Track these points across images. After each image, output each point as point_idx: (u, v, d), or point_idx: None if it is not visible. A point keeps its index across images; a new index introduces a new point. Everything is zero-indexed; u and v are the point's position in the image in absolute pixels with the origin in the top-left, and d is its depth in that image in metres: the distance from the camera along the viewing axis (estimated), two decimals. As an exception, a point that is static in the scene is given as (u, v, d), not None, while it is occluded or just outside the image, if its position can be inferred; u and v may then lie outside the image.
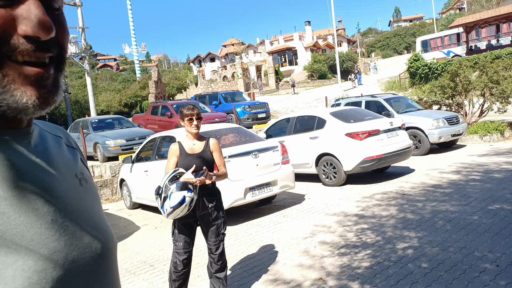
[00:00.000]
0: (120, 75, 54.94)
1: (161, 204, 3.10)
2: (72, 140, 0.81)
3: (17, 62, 0.54)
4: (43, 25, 0.53)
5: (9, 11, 0.53)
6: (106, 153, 10.52)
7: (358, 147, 7.33)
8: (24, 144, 0.62)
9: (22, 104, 0.55)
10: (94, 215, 0.69)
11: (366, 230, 5.00)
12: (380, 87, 26.77)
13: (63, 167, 0.68)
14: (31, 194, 0.58)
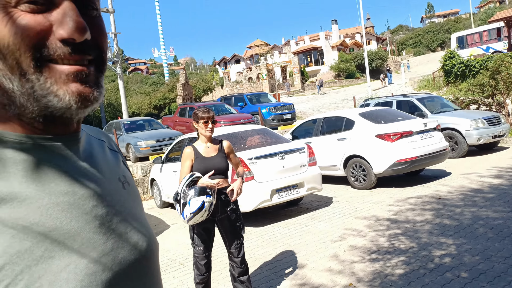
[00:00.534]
0: (149, 78, 56.18)
1: (180, 210, 3.05)
2: (114, 144, 0.83)
3: (57, 64, 0.55)
4: (77, 27, 0.54)
5: (46, 16, 0.54)
6: (137, 153, 10.77)
7: (389, 149, 7.07)
8: (74, 149, 0.64)
9: (65, 103, 0.56)
10: (137, 217, 0.71)
11: (399, 235, 4.79)
12: (412, 86, 25.96)
13: (107, 171, 0.70)
14: (81, 199, 0.60)
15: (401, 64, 35.89)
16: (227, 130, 6.65)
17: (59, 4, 0.55)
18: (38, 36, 0.54)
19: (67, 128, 0.63)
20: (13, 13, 0.54)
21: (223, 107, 14.85)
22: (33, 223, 0.54)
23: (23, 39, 0.53)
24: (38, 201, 0.55)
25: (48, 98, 0.56)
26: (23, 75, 0.55)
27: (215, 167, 3.30)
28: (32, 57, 0.54)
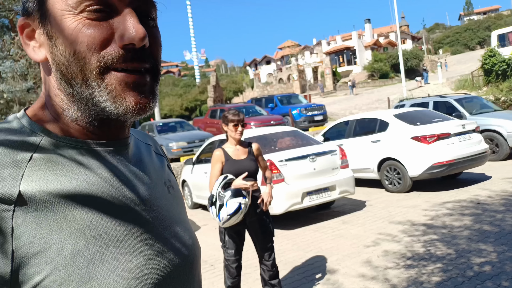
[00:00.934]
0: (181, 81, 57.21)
1: (217, 212, 3.06)
2: (160, 148, 0.85)
3: (117, 71, 0.57)
4: (137, 32, 0.56)
5: (109, 23, 0.57)
6: (169, 154, 10.99)
7: (425, 151, 6.82)
8: (124, 154, 0.66)
9: (122, 110, 0.58)
10: (181, 222, 0.72)
11: (436, 241, 4.60)
12: (449, 86, 25.01)
13: (154, 175, 0.71)
14: (130, 203, 0.61)
15: (437, 64, 34.61)
16: (257, 132, 6.65)
17: (120, 11, 0.57)
18: (101, 44, 0.56)
19: (119, 133, 0.65)
20: (79, 21, 0.56)
21: (254, 108, 14.88)
22: (85, 226, 0.55)
23: (89, 47, 0.56)
24: (90, 205, 0.57)
25: (106, 104, 0.58)
26: (84, 81, 0.57)
27: (245, 170, 3.29)
28: (95, 65, 0.56)
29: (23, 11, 0.61)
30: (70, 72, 0.57)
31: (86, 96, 0.58)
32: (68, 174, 0.57)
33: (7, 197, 0.52)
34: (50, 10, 0.58)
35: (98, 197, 0.58)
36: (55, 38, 0.58)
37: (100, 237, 0.56)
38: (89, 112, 0.59)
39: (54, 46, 0.58)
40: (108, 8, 0.57)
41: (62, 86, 0.60)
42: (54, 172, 0.56)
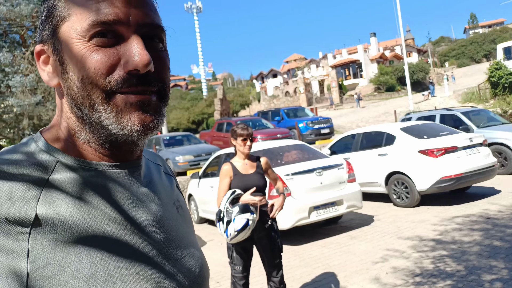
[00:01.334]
0: (188, 94, 57.66)
1: (224, 228, 3.04)
2: (169, 167, 0.86)
3: (122, 94, 0.59)
4: (141, 59, 0.57)
5: (116, 50, 0.58)
6: (176, 168, 10.99)
7: (433, 165, 6.77)
8: (136, 176, 0.67)
9: (127, 131, 0.59)
10: (190, 243, 0.73)
11: (445, 257, 4.53)
12: (456, 99, 24.90)
13: (164, 196, 0.72)
14: (141, 225, 0.62)
15: (444, 76, 34.53)
16: (263, 145, 6.64)
17: (127, 38, 0.59)
18: (108, 70, 0.58)
19: (131, 155, 0.66)
20: (87, 48, 0.58)
21: (260, 121, 14.92)
22: (98, 249, 0.56)
23: (95, 73, 0.58)
24: (104, 227, 0.58)
25: (112, 126, 0.59)
26: (92, 106, 0.59)
27: (254, 185, 3.27)
28: (102, 90, 0.58)
29: (39, 39, 0.64)
30: (79, 97, 0.59)
31: (95, 120, 0.60)
32: (82, 196, 0.58)
33: (24, 220, 0.52)
34: (61, 38, 0.60)
35: (111, 219, 0.59)
36: (66, 64, 0.60)
37: (112, 259, 0.57)
38: (99, 134, 0.61)
39: (65, 72, 0.60)
40: (116, 35, 0.59)
41: (73, 110, 0.62)
42: (69, 194, 0.57)
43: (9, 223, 0.52)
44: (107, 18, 0.58)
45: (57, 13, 0.61)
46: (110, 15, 0.58)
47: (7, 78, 14.88)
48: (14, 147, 0.62)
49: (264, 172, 3.45)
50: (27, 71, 14.80)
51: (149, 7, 0.62)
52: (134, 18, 0.59)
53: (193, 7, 51.26)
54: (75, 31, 0.59)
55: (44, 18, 0.63)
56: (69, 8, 0.60)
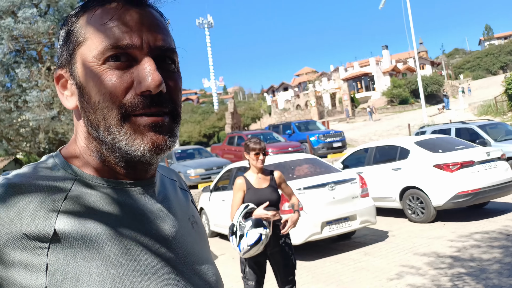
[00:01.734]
0: (200, 108, 58.18)
1: (237, 242, 3.01)
2: (184, 183, 0.87)
3: (136, 116, 0.61)
4: (153, 80, 0.59)
5: (129, 72, 0.60)
6: (187, 182, 11.00)
7: (449, 180, 6.60)
8: (150, 193, 0.68)
9: (140, 152, 0.61)
10: (205, 259, 0.73)
11: (464, 275, 4.37)
12: (472, 112, 24.55)
13: (180, 212, 0.73)
14: (157, 241, 0.63)
15: (459, 89, 34.14)
16: (275, 159, 6.60)
17: (140, 60, 0.61)
18: (122, 93, 0.60)
19: (146, 173, 0.68)
20: (102, 71, 0.60)
21: (271, 135, 14.89)
22: (115, 264, 0.57)
23: (111, 97, 0.60)
24: (120, 243, 0.59)
25: (126, 148, 0.61)
26: (106, 128, 0.61)
27: (267, 199, 3.23)
28: (116, 113, 0.60)
29: (59, 63, 0.67)
30: (95, 119, 0.62)
31: (110, 141, 0.62)
32: (99, 213, 0.60)
33: (43, 235, 0.55)
34: (78, 62, 0.62)
35: (127, 236, 0.60)
36: (83, 88, 0.62)
37: (128, 274, 0.58)
38: (115, 154, 0.63)
39: (82, 95, 0.63)
40: (129, 58, 0.61)
41: (90, 131, 0.64)
42: (86, 211, 0.59)
43: (29, 239, 0.54)
44: (121, 42, 0.60)
45: (74, 37, 0.63)
46: (125, 39, 0.60)
47: (24, 93, 15.32)
48: (34, 165, 0.64)
49: (278, 186, 3.42)
50: (43, 86, 15.18)
51: (162, 30, 0.64)
52: (147, 41, 0.61)
53: (204, 23, 52.05)
54: (90, 54, 0.61)
55: (62, 43, 0.65)
56: (85, 33, 0.62)
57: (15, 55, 16.67)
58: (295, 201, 3.50)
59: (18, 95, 15.85)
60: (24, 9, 14.89)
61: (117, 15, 0.61)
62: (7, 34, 15.00)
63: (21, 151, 17.35)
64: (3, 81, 15.58)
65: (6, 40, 15.23)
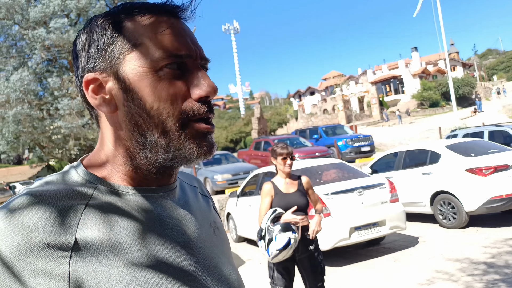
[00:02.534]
0: (226, 113, 58.68)
1: (265, 247, 3.03)
2: (205, 189, 0.87)
3: (195, 122, 0.64)
4: (212, 86, 0.64)
5: (183, 81, 0.64)
6: (214, 187, 11.15)
7: (482, 184, 6.41)
8: (171, 198, 0.69)
9: (197, 154, 0.64)
10: (227, 264, 0.73)
11: (499, 282, 4.24)
12: (506, 114, 23.65)
13: (200, 217, 0.73)
14: (176, 248, 0.64)
15: (492, 91, 32.90)
16: (302, 164, 6.59)
17: (192, 70, 0.65)
18: (182, 101, 0.63)
19: (169, 179, 0.69)
20: (159, 78, 0.62)
21: (298, 140, 14.86)
22: (135, 271, 0.58)
23: (172, 104, 0.62)
24: (140, 250, 0.60)
25: (182, 150, 0.64)
26: (163, 133, 0.63)
27: (295, 204, 3.25)
28: (178, 118, 0.63)
29: (91, 67, 0.64)
30: (149, 124, 0.63)
31: (162, 145, 0.63)
32: (119, 220, 0.61)
33: (65, 244, 0.55)
34: (129, 66, 0.63)
35: (147, 242, 0.61)
36: (133, 93, 0.62)
37: (149, 281, 0.58)
38: (154, 159, 0.64)
39: (130, 100, 0.63)
40: (183, 68, 0.64)
41: (134, 137, 0.64)
42: (107, 219, 0.60)
43: (51, 248, 0.55)
44: (180, 52, 0.63)
45: (121, 42, 0.63)
46: (182, 49, 0.63)
47: (56, 101, 15.79)
48: (55, 175, 0.65)
49: (306, 191, 3.42)
50: (75, 94, 15.69)
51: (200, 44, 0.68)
52: (199, 52, 0.66)
53: (230, 28, 52.63)
54: (144, 61, 0.62)
55: (100, 46, 0.64)
56: (138, 38, 0.62)
57: (47, 64, 17.16)
58: (319, 208, 3.51)
59: (50, 103, 16.25)
60: (55, 19, 15.31)
61: (171, 26, 0.64)
62: (39, 44, 15.45)
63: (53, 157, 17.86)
64: (36, 89, 15.99)
65: (39, 50, 15.70)
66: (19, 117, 14.80)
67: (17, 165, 44.55)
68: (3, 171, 39.44)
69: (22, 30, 16.15)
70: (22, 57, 16.83)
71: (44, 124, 15.82)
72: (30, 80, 15.19)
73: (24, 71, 15.22)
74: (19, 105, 14.83)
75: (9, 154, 18.85)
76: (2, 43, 16.88)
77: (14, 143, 16.31)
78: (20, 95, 14.84)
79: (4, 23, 16.16)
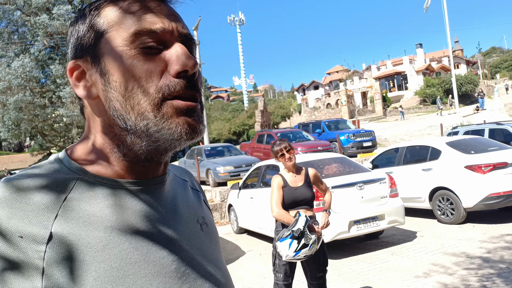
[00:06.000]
0: (230, 105, 58.67)
1: (297, 248, 3.07)
2: (197, 183, 0.85)
3: (172, 99, 0.59)
4: (189, 59, 0.60)
5: (161, 57, 0.60)
6: (216, 179, 11.25)
7: (480, 181, 6.51)
8: (159, 192, 0.66)
9: (177, 134, 0.59)
10: (213, 260, 0.71)
11: (494, 276, 4.36)
12: (508, 113, 23.63)
13: (187, 213, 0.71)
14: (159, 243, 0.61)
15: (494, 89, 32.80)
16: (304, 157, 6.69)
17: (170, 45, 0.61)
18: (158, 78, 0.59)
19: (157, 171, 0.66)
20: (134, 56, 0.59)
21: (301, 134, 14.92)
22: (113, 267, 0.56)
23: (147, 82, 0.58)
24: (120, 246, 0.57)
25: (161, 132, 0.59)
26: (140, 114, 0.59)
27: (302, 197, 3.34)
28: (153, 97, 0.58)
29: (72, 55, 0.64)
30: (126, 107, 0.59)
31: (141, 128, 0.59)
32: (100, 215, 0.58)
33: (39, 237, 0.53)
34: (104, 49, 0.60)
35: (127, 238, 0.58)
36: (108, 75, 0.60)
37: (128, 277, 0.56)
38: (140, 144, 0.61)
39: (107, 83, 0.60)
40: (161, 42, 0.60)
41: (116, 122, 0.61)
42: (86, 213, 0.57)
43: (25, 241, 0.52)
44: (154, 26, 0.59)
45: (97, 27, 0.61)
46: (158, 23, 0.60)
47: (58, 89, 15.43)
48: (39, 165, 0.62)
49: (313, 183, 3.49)
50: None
51: (183, 20, 0.65)
52: (176, 27, 0.62)
53: (235, 20, 52.46)
54: (119, 40, 0.59)
55: (81, 34, 0.63)
56: (112, 20, 0.61)
57: (49, 51, 16.67)
58: (328, 199, 3.57)
59: (52, 91, 15.87)
60: (58, 5, 14.98)
61: (146, 5, 0.61)
62: (42, 31, 15.12)
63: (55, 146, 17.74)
64: (38, 76, 15.62)
65: (41, 37, 15.34)
66: (21, 104, 14.51)
67: (18, 153, 44.77)
68: (4, 159, 39.59)
69: (24, 16, 15.82)
70: (24, 44, 16.57)
71: (46, 112, 15.53)
72: (32, 67, 14.85)
73: (26, 57, 14.88)
74: (21, 92, 14.47)
75: (11, 141, 18.75)
76: (4, 28, 16.43)
77: (15, 130, 16.19)
78: (22, 82, 14.52)
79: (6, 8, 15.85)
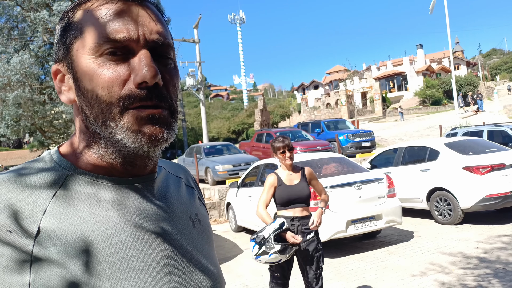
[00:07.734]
0: (229, 104, 58.66)
1: (257, 252, 3.15)
2: (192, 179, 0.85)
3: (134, 109, 0.59)
4: (149, 71, 0.58)
5: (126, 65, 0.60)
6: (215, 177, 11.28)
7: (478, 182, 6.54)
8: (149, 190, 0.67)
9: (138, 143, 0.59)
10: (204, 256, 0.71)
11: (489, 276, 4.38)
12: (507, 114, 23.67)
13: (179, 210, 0.71)
14: (148, 239, 0.62)
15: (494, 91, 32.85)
16: (302, 157, 6.71)
17: (137, 52, 0.60)
18: (119, 85, 0.59)
19: (145, 169, 0.66)
20: (98, 65, 0.59)
21: (300, 133, 14.95)
22: (101, 261, 0.57)
23: (109, 91, 0.59)
24: (108, 240, 0.58)
25: (124, 141, 0.60)
26: (103, 122, 0.60)
27: (297, 195, 3.34)
28: (114, 106, 0.59)
29: (56, 58, 0.66)
30: (93, 114, 0.60)
31: (107, 135, 0.61)
32: (88, 210, 0.59)
33: (27, 233, 0.54)
34: (74, 56, 0.61)
35: (116, 234, 0.59)
36: (79, 82, 0.61)
37: (115, 271, 0.57)
38: (113, 148, 0.62)
39: (78, 89, 0.62)
40: (126, 51, 0.60)
41: (89, 126, 0.63)
42: (75, 208, 0.58)
43: (13, 235, 0.53)
44: (118, 35, 0.59)
45: (70, 32, 0.62)
46: (121, 32, 0.59)
47: None
48: (31, 161, 0.64)
49: (309, 182, 3.49)
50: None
51: (158, 25, 0.63)
52: (143, 34, 0.60)
53: (236, 18, 52.43)
54: (87, 47, 0.60)
55: (58, 38, 0.64)
56: (82, 26, 0.61)
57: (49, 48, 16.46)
58: (325, 198, 3.57)
59: (52, 88, 15.74)
60: (58, 2, 14.80)
61: (114, 9, 0.60)
62: (42, 27, 15.01)
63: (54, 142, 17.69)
64: (37, 73, 15.56)
65: (41, 33, 15.25)
66: (20, 101, 14.44)
67: (17, 149, 44.76)
68: (3, 155, 39.58)
69: (24, 11, 15.73)
70: (23, 40, 16.54)
71: (45, 109, 15.46)
72: (32, 63, 14.77)
73: (26, 53, 14.80)
74: (20, 88, 14.39)
75: (10, 137, 18.72)
76: (4, 24, 16.31)
77: (14, 126, 16.17)
78: (21, 78, 14.42)
79: (5, 4, 15.79)
